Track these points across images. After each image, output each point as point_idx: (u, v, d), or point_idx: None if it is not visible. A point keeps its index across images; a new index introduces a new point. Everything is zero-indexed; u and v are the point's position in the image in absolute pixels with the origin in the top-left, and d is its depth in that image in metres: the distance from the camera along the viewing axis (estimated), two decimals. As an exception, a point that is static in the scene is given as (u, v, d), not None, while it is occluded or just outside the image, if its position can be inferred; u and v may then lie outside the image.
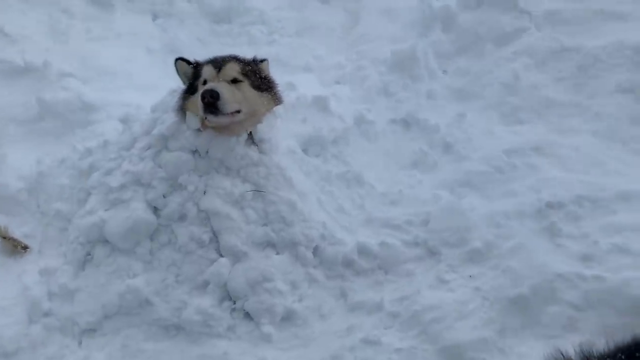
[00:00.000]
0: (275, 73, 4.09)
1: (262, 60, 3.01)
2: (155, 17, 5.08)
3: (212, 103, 2.57)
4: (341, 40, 4.55)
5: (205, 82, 2.75)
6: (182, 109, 2.83)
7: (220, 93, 2.59)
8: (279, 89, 3.06)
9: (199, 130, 2.77)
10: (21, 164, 3.36)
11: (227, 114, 2.65)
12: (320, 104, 3.30)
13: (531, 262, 2.55)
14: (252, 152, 2.79)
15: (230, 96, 2.64)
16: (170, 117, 2.81)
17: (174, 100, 2.92)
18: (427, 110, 3.77)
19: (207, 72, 2.78)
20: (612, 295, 2.36)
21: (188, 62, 2.94)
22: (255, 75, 2.87)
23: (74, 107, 3.77)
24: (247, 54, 4.32)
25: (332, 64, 4.28)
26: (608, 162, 3.18)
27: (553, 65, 3.98)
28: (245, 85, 2.80)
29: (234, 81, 2.78)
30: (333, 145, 3.31)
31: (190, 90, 2.86)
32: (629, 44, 3.79)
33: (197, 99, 2.67)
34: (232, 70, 2.79)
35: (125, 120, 3.19)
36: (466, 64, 4.19)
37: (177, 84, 3.11)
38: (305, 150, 3.17)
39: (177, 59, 2.95)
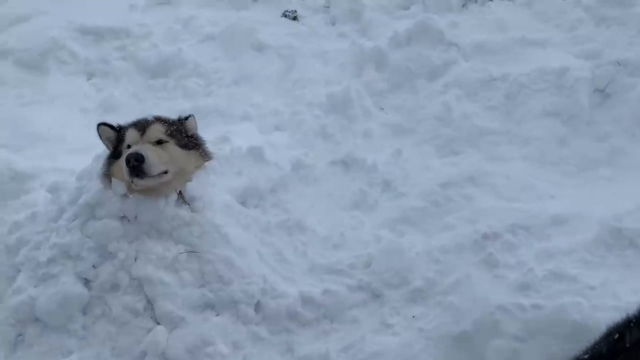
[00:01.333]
0: (214, 124, 4.14)
1: (186, 118, 2.99)
2: (90, 76, 5.05)
3: (137, 167, 2.53)
4: (278, 86, 4.59)
5: (129, 146, 2.72)
6: (107, 175, 2.78)
7: (145, 156, 2.55)
8: (206, 144, 3.03)
9: (125, 195, 2.71)
10: (-53, 242, 3.22)
11: (154, 175, 2.61)
12: (255, 153, 3.29)
13: (472, 295, 2.56)
14: (184, 211, 2.74)
15: (156, 158, 2.61)
16: (96, 184, 2.75)
17: (99, 166, 2.86)
18: (364, 149, 3.81)
19: (131, 135, 2.75)
20: (551, 323, 2.37)
21: (111, 127, 2.89)
22: (180, 134, 2.85)
23: (4, 178, 3.64)
24: (184, 107, 4.36)
25: (270, 110, 4.30)
26: (539, 186, 3.27)
27: (483, 94, 4.11)
28: (171, 145, 2.77)
29: (159, 142, 2.75)
30: (271, 194, 3.29)
31: (114, 155, 2.82)
32: (549, 69, 3.96)
33: (122, 164, 2.62)
34: (156, 131, 2.77)
35: (53, 190, 3.09)
36: (400, 100, 4.28)
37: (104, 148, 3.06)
38: (243, 203, 3.14)
39: (99, 124, 2.91)
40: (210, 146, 3.07)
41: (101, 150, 3.19)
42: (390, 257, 2.86)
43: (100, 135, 2.91)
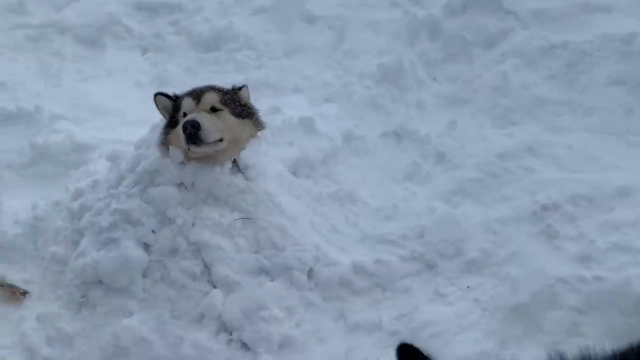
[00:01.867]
0: (265, 97, 4.16)
1: (240, 88, 3.01)
2: (144, 51, 5.14)
3: (193, 134, 2.57)
4: (328, 58, 4.54)
5: (185, 114, 2.76)
6: (165, 143, 2.84)
7: (201, 123, 2.59)
8: (259, 114, 3.05)
9: (183, 162, 2.77)
10: (17, 210, 3.39)
11: (210, 142, 2.65)
12: (307, 124, 3.29)
13: (529, 267, 2.50)
14: (238, 179, 2.78)
15: (211, 125, 2.64)
16: (154, 153, 2.82)
17: (157, 135, 2.92)
18: (417, 120, 3.74)
19: (187, 104, 2.79)
20: (614, 295, 2.30)
21: (167, 96, 2.94)
22: (234, 103, 2.87)
23: (66, 149, 3.80)
24: (236, 79, 4.38)
25: (321, 82, 4.27)
26: (603, 158, 3.12)
27: (542, 63, 3.95)
28: (226, 114, 2.80)
29: (214, 110, 2.78)
30: (322, 165, 3.28)
31: (171, 124, 2.87)
32: (615, 35, 3.76)
33: (178, 132, 2.67)
34: (211, 99, 2.79)
35: (112, 159, 3.19)
36: (455, 70, 4.17)
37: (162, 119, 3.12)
38: (294, 173, 3.15)
39: (156, 94, 2.97)
40: (262, 116, 3.08)
41: (157, 120, 3.27)
42: (445, 227, 2.82)
43: (157, 105, 2.96)
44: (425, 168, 3.39)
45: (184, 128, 2.58)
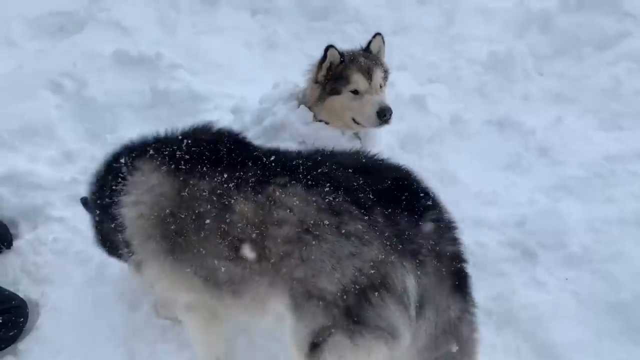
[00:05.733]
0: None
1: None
2: (254, 13, 5.31)
3: (387, 120, 2.71)
4: (435, 39, 4.58)
5: (356, 92, 2.76)
6: (304, 101, 2.90)
7: (391, 110, 2.71)
8: None
9: (308, 122, 2.90)
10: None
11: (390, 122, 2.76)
12: (418, 102, 3.39)
13: (633, 268, 2.55)
14: (356, 145, 2.91)
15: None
16: (280, 109, 2.97)
17: (280, 93, 3.07)
18: (522, 112, 3.77)
19: (360, 81, 2.76)
20: None
21: (340, 54, 2.82)
22: (386, 76, 2.91)
23: (183, 97, 4.06)
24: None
25: (427, 63, 4.34)
26: None
27: (659, 70, 3.88)
28: (384, 90, 2.86)
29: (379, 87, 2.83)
30: (428, 143, 3.39)
31: (328, 88, 2.82)
32: None
33: (344, 102, 2.76)
34: (380, 78, 2.82)
35: (236, 111, 3.39)
36: (564, 67, 4.16)
37: (277, 79, 3.26)
38: (401, 147, 3.27)
39: (329, 46, 2.82)
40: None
41: (278, 79, 3.45)
42: (547, 219, 2.89)
43: (325, 58, 2.82)
44: (527, 160, 3.44)
45: (383, 114, 2.69)
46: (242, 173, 1.97)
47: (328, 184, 1.84)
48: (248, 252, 1.87)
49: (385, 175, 1.90)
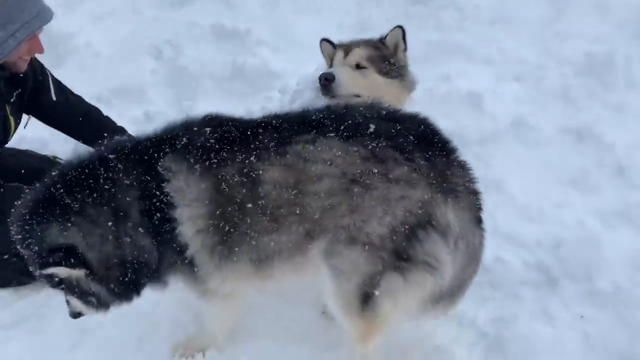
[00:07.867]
0: (452, 61, 4.01)
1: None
2: (353, -6, 5.26)
3: (325, 85, 2.68)
4: (535, 34, 4.14)
5: (331, 65, 2.86)
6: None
7: (336, 76, 2.67)
8: (411, 76, 2.95)
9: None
10: (205, 116, 3.91)
11: (342, 95, 2.70)
12: (474, 100, 3.14)
13: (664, 322, 2.15)
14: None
15: (348, 81, 2.69)
16: (310, 92, 2.97)
17: (317, 74, 3.05)
18: (609, 124, 3.28)
19: (336, 56, 2.88)
20: None
21: (331, 44, 3.04)
22: (383, 61, 2.84)
23: (260, 73, 4.22)
24: (431, 38, 4.30)
25: (517, 58, 3.94)
26: None
27: None
28: (370, 72, 2.79)
29: (358, 67, 2.79)
30: (478, 145, 3.12)
31: None
32: None
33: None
34: (357, 56, 2.80)
35: (282, 91, 3.46)
36: (680, 78, 3.52)
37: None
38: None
39: (321, 40, 3.08)
40: (415, 76, 2.97)
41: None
42: (585, 246, 2.55)
43: (322, 50, 3.09)
44: (596, 177, 3.02)
45: (319, 79, 2.70)
46: (257, 143, 1.93)
47: (366, 134, 1.89)
48: (290, 216, 1.87)
49: (412, 121, 2.00)
